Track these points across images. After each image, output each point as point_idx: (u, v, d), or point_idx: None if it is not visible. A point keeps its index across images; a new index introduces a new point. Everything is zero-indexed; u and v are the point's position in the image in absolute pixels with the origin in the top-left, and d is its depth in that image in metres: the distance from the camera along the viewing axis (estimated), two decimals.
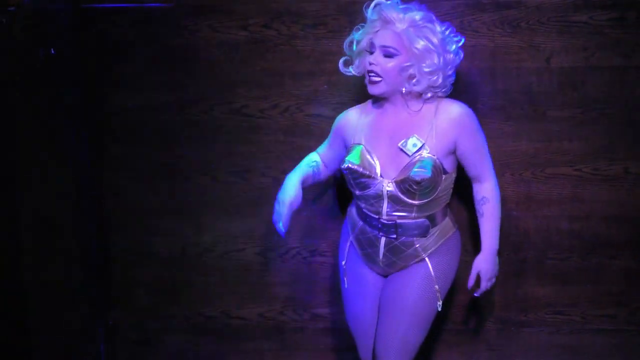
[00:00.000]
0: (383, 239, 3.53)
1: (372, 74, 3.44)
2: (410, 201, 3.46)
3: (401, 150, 3.45)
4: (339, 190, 3.98)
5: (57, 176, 3.91)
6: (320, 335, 4.12)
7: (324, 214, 4.04)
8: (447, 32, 3.48)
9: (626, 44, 3.82)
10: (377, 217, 3.51)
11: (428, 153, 3.43)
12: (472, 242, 3.87)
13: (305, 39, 3.89)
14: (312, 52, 3.89)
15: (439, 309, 3.56)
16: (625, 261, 3.95)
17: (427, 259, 3.54)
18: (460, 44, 3.51)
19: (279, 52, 3.91)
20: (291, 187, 3.53)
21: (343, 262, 3.68)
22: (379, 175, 3.46)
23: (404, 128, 3.48)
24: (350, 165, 3.47)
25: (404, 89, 3.46)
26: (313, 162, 3.70)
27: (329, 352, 4.13)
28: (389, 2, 3.47)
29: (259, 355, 4.15)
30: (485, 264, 3.57)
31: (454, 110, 3.49)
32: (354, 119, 3.59)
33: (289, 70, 3.92)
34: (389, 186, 3.44)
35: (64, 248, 3.95)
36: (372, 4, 3.47)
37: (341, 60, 3.59)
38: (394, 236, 3.50)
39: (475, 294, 3.64)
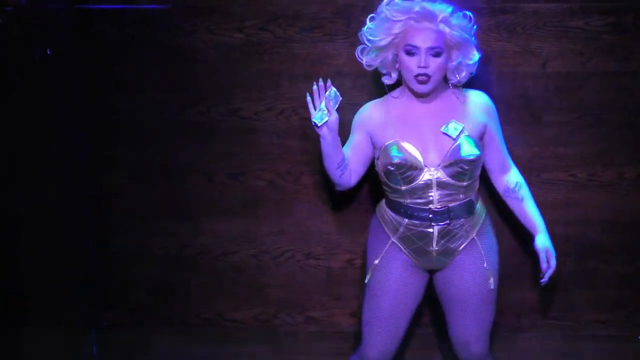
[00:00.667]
0: (436, 228, 3.55)
1: (423, 76, 3.46)
2: (459, 183, 3.51)
3: (445, 134, 3.50)
4: (335, 192, 3.98)
5: (55, 176, 3.91)
6: (314, 338, 4.12)
7: (319, 218, 4.03)
8: (467, 18, 3.54)
9: (622, 50, 3.82)
10: (427, 207, 3.53)
11: (467, 134, 3.51)
12: None
13: (302, 42, 3.89)
14: (308, 55, 3.89)
15: (492, 287, 3.60)
16: (620, 266, 3.96)
17: (475, 238, 3.60)
18: (474, 27, 3.56)
19: (275, 54, 3.91)
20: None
21: (376, 261, 3.64)
22: (423, 164, 3.49)
23: (437, 116, 3.54)
24: (399, 161, 3.47)
25: (449, 82, 3.56)
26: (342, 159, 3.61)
27: (322, 355, 4.12)
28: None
29: (253, 357, 4.14)
30: (548, 242, 3.63)
31: (482, 96, 3.61)
32: (378, 115, 3.59)
33: (285, 72, 3.92)
34: (437, 173, 3.49)
35: (61, 248, 3.96)
36: (395, 2, 3.47)
37: (359, 48, 3.57)
38: (447, 222, 3.54)
39: (545, 279, 3.60)
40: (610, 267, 3.96)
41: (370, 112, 3.62)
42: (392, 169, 3.49)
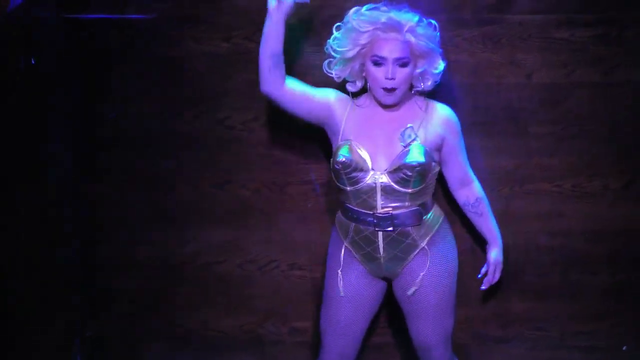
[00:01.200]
0: (380, 234, 3.56)
1: (390, 87, 3.48)
2: (403, 190, 3.50)
3: (399, 139, 3.51)
4: (320, 204, 3.99)
5: (41, 184, 3.90)
6: (299, 348, 4.12)
7: (304, 228, 4.03)
8: (432, 27, 3.56)
9: (607, 61, 3.84)
10: (371, 212, 3.54)
11: (419, 143, 3.51)
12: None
13: (288, 52, 3.89)
14: (294, 65, 3.90)
15: (434, 300, 3.64)
16: (605, 277, 3.97)
17: (426, 247, 3.59)
18: (438, 35, 3.59)
19: None
20: None
21: (339, 270, 3.66)
22: (370, 167, 3.50)
23: (396, 122, 3.55)
24: (344, 159, 3.48)
25: (413, 90, 3.58)
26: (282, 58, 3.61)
27: None
28: (383, 8, 3.51)
29: None
30: (500, 256, 3.73)
31: (445, 110, 3.61)
32: (343, 107, 3.60)
33: None
34: (382, 177, 3.50)
35: (45, 257, 3.95)
36: (362, 12, 3.50)
37: (325, 62, 3.62)
38: (391, 228, 3.54)
39: (484, 287, 3.75)
40: (594, 278, 3.97)
41: (340, 103, 3.61)
42: (338, 167, 3.50)
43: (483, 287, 3.76)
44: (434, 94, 3.67)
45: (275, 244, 4.05)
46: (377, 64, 3.48)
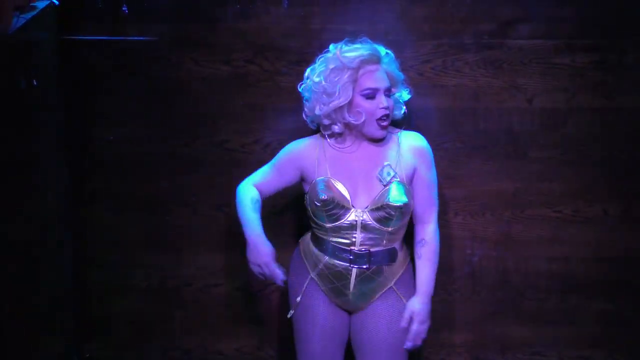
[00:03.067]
0: (355, 270, 3.51)
1: (385, 117, 3.44)
2: (384, 228, 3.47)
3: (378, 178, 3.46)
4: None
5: (36, 207, 3.88)
6: None
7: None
8: (394, 57, 3.55)
9: (607, 86, 3.85)
10: (348, 248, 3.49)
11: (399, 180, 3.47)
12: None
13: (288, 75, 3.89)
14: (294, 88, 3.87)
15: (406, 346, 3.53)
16: (603, 303, 3.98)
17: (394, 287, 3.54)
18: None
19: (261, 87, 3.91)
20: (262, 245, 3.50)
21: (298, 299, 3.61)
22: (351, 205, 3.46)
23: (372, 158, 3.50)
24: (326, 197, 3.44)
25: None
26: (256, 201, 3.59)
27: None
28: (362, 43, 3.48)
29: None
30: (419, 305, 3.51)
31: (417, 138, 3.55)
32: (312, 152, 3.55)
33: (271, 105, 3.92)
34: (363, 215, 3.45)
35: (41, 280, 3.92)
36: (344, 49, 3.45)
37: (305, 110, 3.55)
38: (366, 266, 3.49)
39: (407, 344, 3.51)
40: (593, 303, 3.98)
41: (305, 148, 3.56)
42: (319, 204, 3.46)
43: (406, 346, 3.52)
44: (433, 119, 3.68)
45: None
46: (370, 97, 3.42)
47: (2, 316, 3.66)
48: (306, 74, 3.55)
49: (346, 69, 3.41)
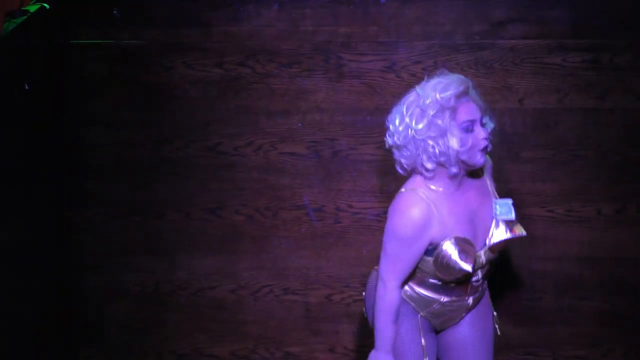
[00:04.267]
0: (471, 298, 3.37)
1: (486, 145, 3.23)
2: (496, 256, 3.34)
3: (498, 218, 3.27)
4: (313, 229, 3.98)
5: (30, 212, 3.88)
6: None
7: (298, 253, 4.03)
8: None
9: (599, 86, 3.85)
10: (467, 283, 3.31)
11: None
12: None
13: (280, 78, 3.89)
14: (286, 90, 3.90)
15: (499, 333, 3.51)
16: (597, 303, 3.97)
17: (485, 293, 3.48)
18: None
19: (253, 90, 3.91)
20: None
21: (423, 341, 3.36)
22: (477, 250, 3.27)
23: (475, 196, 3.31)
24: (471, 269, 3.19)
25: None
26: (397, 312, 3.29)
27: None
28: (443, 76, 3.24)
29: None
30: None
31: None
32: (430, 215, 3.17)
33: (264, 108, 3.92)
34: (487, 254, 3.29)
35: (35, 285, 3.92)
36: (442, 87, 3.17)
37: (403, 160, 3.22)
38: (479, 292, 3.38)
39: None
40: (587, 303, 3.97)
41: (425, 217, 3.18)
42: (460, 275, 3.21)
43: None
44: None
45: (268, 269, 4.03)
46: (469, 130, 3.19)
47: None
48: (396, 123, 3.21)
49: (446, 110, 3.17)
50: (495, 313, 3.50)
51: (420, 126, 3.18)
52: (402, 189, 3.23)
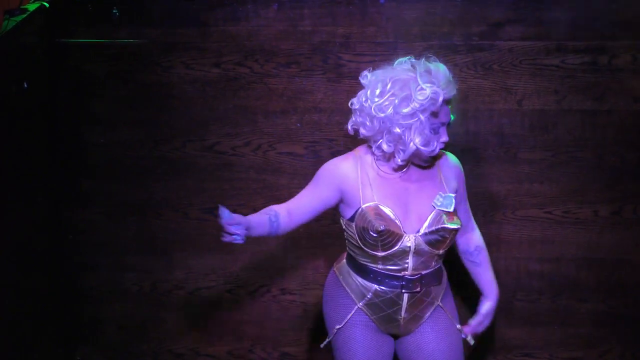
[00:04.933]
0: (406, 295, 3.40)
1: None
2: (436, 251, 3.36)
3: (435, 207, 3.33)
4: (310, 228, 3.98)
5: (27, 211, 3.87)
6: None
7: (295, 253, 4.03)
8: None
9: (597, 88, 3.86)
10: (400, 274, 3.37)
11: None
12: None
13: (278, 77, 3.89)
14: (284, 90, 3.90)
15: (472, 343, 3.53)
16: (594, 304, 3.98)
17: (440, 304, 3.48)
18: None
19: (251, 89, 3.91)
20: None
21: (336, 327, 3.48)
22: (402, 230, 3.32)
23: (419, 181, 3.38)
24: (383, 228, 3.27)
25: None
26: (272, 210, 3.39)
27: None
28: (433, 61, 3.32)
29: None
30: (492, 310, 3.55)
31: (452, 158, 3.47)
32: (353, 173, 3.37)
33: (262, 108, 3.92)
34: (416, 240, 3.34)
35: (32, 284, 3.92)
36: (445, 86, 3.23)
37: (366, 122, 3.28)
38: (418, 289, 3.40)
39: (472, 341, 3.54)
40: (584, 304, 3.98)
41: (344, 170, 3.36)
42: (376, 235, 3.30)
43: (471, 341, 3.54)
44: None
45: (266, 269, 4.03)
46: (436, 131, 3.27)
47: None
48: (376, 91, 3.24)
49: (432, 109, 3.22)
50: (459, 326, 3.51)
51: (404, 110, 3.22)
52: None
